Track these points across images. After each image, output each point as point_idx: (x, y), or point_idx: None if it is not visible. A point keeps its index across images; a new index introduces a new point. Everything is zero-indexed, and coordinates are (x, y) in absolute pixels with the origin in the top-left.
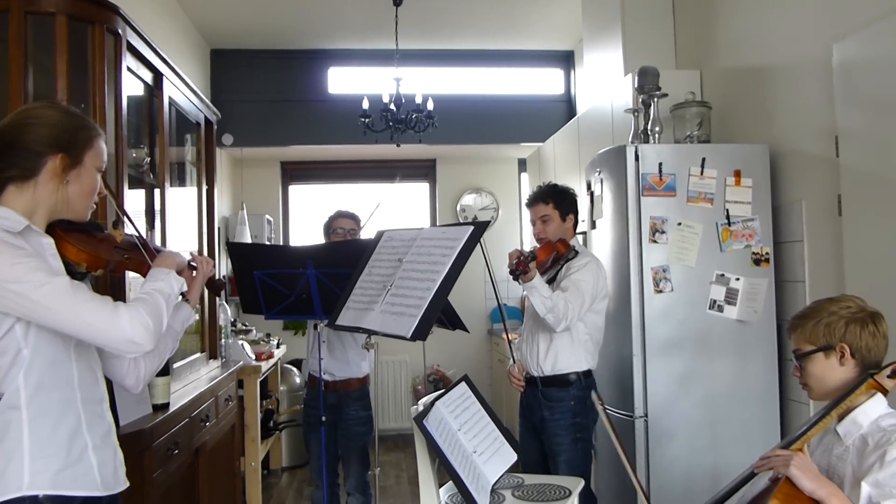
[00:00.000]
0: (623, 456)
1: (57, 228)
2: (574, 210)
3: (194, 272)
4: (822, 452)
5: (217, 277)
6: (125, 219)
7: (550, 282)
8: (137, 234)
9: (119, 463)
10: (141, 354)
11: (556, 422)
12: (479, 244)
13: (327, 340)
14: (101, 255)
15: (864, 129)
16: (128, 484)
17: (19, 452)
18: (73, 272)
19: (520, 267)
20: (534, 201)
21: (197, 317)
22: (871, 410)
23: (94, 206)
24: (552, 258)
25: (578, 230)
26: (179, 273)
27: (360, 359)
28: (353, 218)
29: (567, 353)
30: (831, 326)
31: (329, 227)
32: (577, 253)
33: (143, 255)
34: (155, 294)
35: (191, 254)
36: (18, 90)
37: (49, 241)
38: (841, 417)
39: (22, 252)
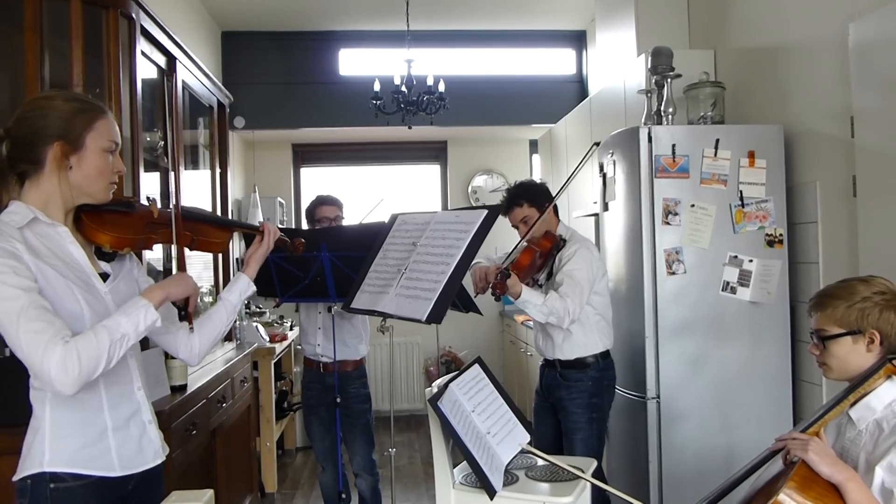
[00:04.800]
0: None
1: (81, 213)
2: (549, 199)
3: (260, 238)
4: (835, 436)
5: (293, 240)
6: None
7: (549, 277)
8: (172, 207)
9: (147, 442)
10: (62, 395)
11: (574, 401)
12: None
13: (322, 326)
14: (123, 235)
15: (880, 109)
16: (158, 461)
17: (42, 430)
18: (103, 253)
19: (496, 290)
20: (508, 208)
21: (255, 288)
22: (884, 395)
23: (114, 185)
24: (539, 257)
25: (590, 212)
26: (186, 301)
27: (357, 342)
28: (336, 204)
29: (582, 339)
30: (865, 311)
31: (312, 216)
32: (564, 241)
33: (175, 230)
34: (103, 334)
35: (259, 222)
36: (35, 76)
37: (64, 230)
38: (855, 401)
39: (6, 259)
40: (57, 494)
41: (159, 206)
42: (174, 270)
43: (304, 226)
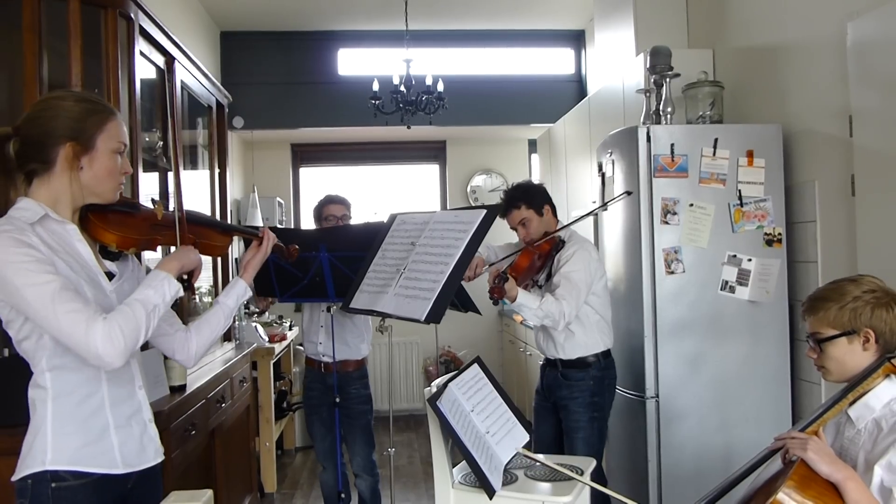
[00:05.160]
0: None
1: (87, 212)
2: (547, 200)
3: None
4: (834, 435)
5: (288, 247)
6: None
7: (549, 278)
8: (176, 209)
9: (148, 440)
10: (110, 368)
11: (575, 400)
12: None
13: (325, 324)
14: (129, 235)
15: (879, 108)
16: (159, 460)
17: (44, 428)
18: (107, 252)
19: (494, 293)
20: (506, 210)
21: (251, 293)
22: (883, 394)
23: (122, 186)
24: (538, 259)
25: (589, 212)
26: (191, 273)
27: (359, 341)
28: (344, 203)
29: (583, 338)
30: (857, 311)
31: (320, 214)
32: (564, 243)
33: (179, 232)
34: (137, 306)
35: (259, 227)
36: (34, 76)
37: (73, 227)
38: (853, 400)
39: (27, 249)
40: (59, 494)
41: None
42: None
43: (311, 225)
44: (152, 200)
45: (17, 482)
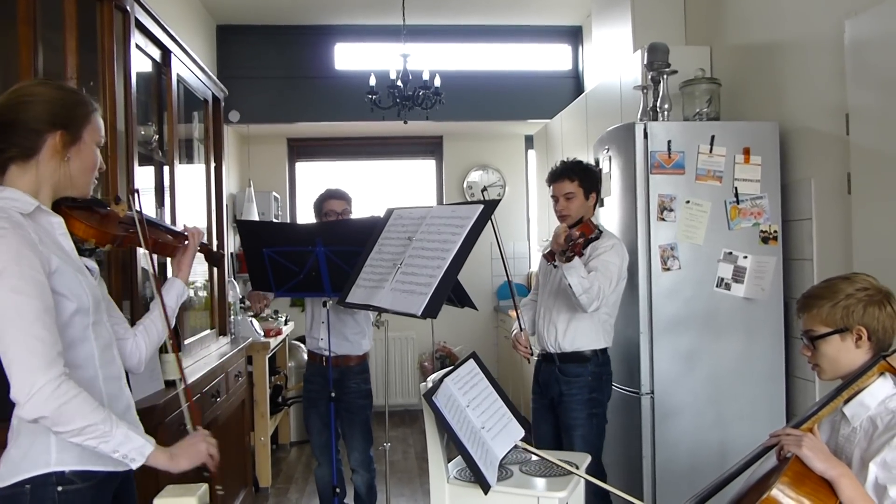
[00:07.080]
0: None
1: (63, 206)
2: (597, 189)
3: (185, 243)
4: (829, 433)
5: (215, 249)
6: (135, 195)
7: (566, 262)
8: (138, 210)
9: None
10: (25, 417)
11: (573, 397)
12: (490, 221)
13: (326, 321)
14: (107, 231)
15: (875, 107)
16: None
17: (45, 429)
18: (81, 249)
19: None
20: (558, 177)
21: (191, 292)
22: (878, 392)
23: (96, 181)
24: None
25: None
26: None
27: (360, 337)
28: (344, 198)
29: (587, 331)
30: (849, 309)
31: (320, 209)
32: (600, 233)
33: (142, 230)
34: (102, 413)
35: (184, 226)
36: (28, 69)
37: (59, 221)
38: (848, 398)
39: (27, 253)
40: (65, 498)
41: (128, 205)
42: (149, 269)
43: (308, 219)
44: (115, 198)
45: (7, 488)
